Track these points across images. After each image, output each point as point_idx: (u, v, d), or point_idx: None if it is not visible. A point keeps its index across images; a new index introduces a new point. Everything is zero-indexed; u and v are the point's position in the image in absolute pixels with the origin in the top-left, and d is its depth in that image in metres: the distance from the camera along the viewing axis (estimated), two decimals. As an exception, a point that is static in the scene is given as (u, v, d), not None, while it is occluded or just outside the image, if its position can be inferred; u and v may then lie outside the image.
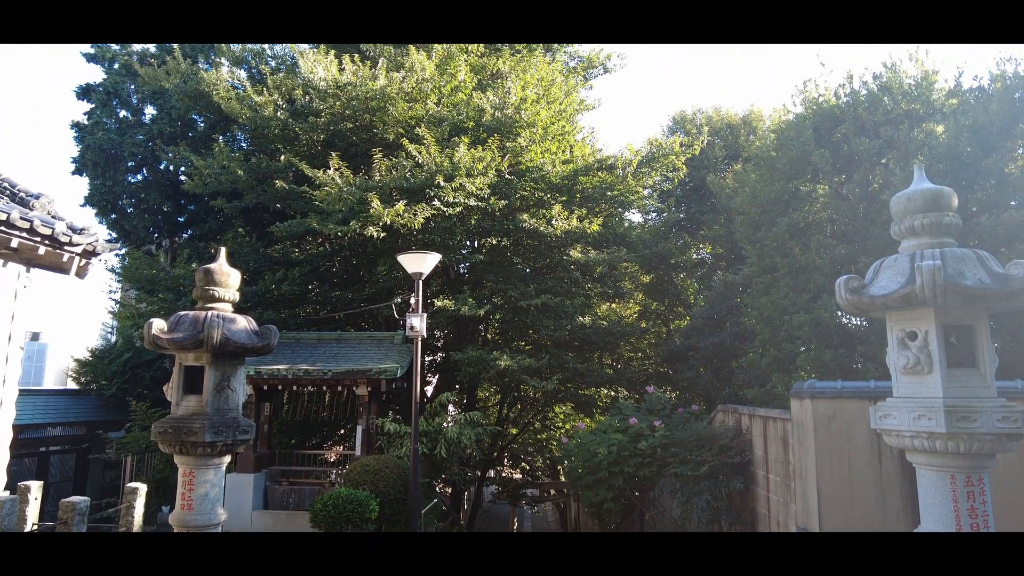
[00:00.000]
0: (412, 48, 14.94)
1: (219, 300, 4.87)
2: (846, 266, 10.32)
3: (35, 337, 34.14)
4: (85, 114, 20.50)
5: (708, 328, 16.31)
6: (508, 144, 14.87)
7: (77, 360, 19.77)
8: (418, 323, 10.23)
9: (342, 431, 18.30)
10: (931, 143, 10.59)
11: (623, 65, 20.19)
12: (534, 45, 18.51)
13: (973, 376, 3.95)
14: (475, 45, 16.28)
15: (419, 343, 10.49)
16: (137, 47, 21.62)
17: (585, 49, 20.19)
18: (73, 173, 20.29)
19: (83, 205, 20.15)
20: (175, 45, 20.93)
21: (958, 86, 12.14)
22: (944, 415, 3.70)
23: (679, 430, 10.01)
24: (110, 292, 21.88)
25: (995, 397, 3.87)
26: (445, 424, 13.05)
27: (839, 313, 10.12)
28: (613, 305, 20.98)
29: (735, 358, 14.17)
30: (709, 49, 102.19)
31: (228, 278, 4.94)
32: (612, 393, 18.32)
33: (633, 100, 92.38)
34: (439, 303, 14.16)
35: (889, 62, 12.91)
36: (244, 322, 4.85)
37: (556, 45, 19.41)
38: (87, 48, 21.07)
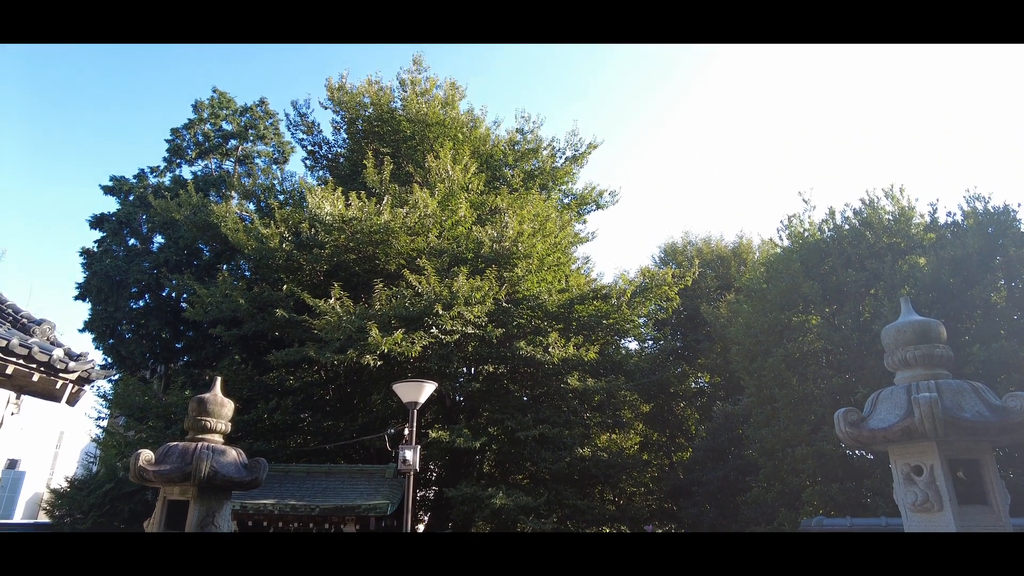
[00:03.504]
0: (416, 186, 15.78)
1: (211, 431, 4.78)
2: (844, 396, 10.26)
3: (12, 465, 32.82)
4: (96, 242, 21.15)
5: (711, 461, 15.85)
6: (505, 274, 15.28)
7: (53, 491, 18.92)
8: (411, 456, 9.94)
9: (327, 572, 17.14)
10: (915, 275, 10.93)
11: (614, 202, 21.18)
12: (530, 184, 19.57)
13: (986, 514, 3.82)
14: (476, 183, 17.20)
15: (412, 477, 10.13)
16: (153, 180, 22.77)
17: (578, 187, 21.32)
18: (76, 299, 20.57)
19: (82, 330, 20.23)
20: (188, 179, 22.09)
21: (934, 221, 12.75)
22: (961, 557, 3.54)
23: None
24: (98, 418, 21.40)
25: (1011, 537, 3.72)
26: (437, 565, 12.26)
27: (842, 445, 9.91)
28: (613, 436, 20.52)
29: (740, 493, 13.65)
30: (698, 179, 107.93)
31: (222, 408, 4.89)
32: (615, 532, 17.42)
33: (626, 227, 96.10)
34: (433, 434, 13.84)
35: (867, 199, 13.64)
36: (234, 454, 4.74)
37: (551, 184, 20.52)
38: (105, 181, 22.19)
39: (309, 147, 21.90)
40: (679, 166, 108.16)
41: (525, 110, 53.04)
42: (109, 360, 19.92)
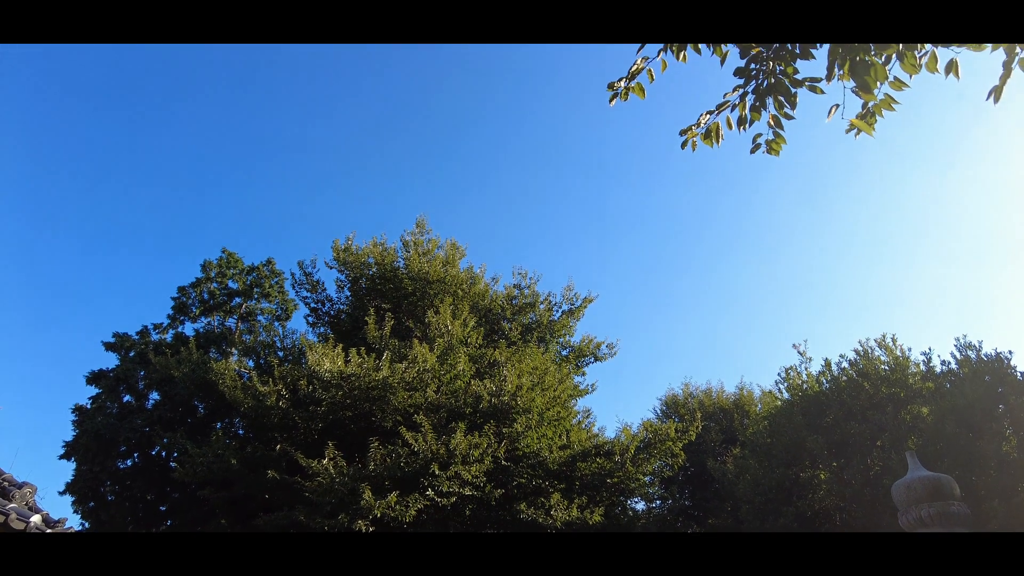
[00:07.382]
0: (415, 341, 15.99)
1: (190, 607, 4.46)
2: (866, 559, 9.67)
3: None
4: (90, 399, 20.88)
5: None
6: (505, 430, 14.99)
7: None
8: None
9: None
10: (919, 426, 10.80)
11: (612, 354, 21.29)
12: (528, 337, 19.83)
13: None
14: (474, 337, 17.42)
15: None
16: (155, 336, 23.00)
17: (576, 340, 21.57)
18: (61, 457, 19.83)
19: (62, 492, 19.32)
20: (191, 335, 22.35)
21: (930, 370, 12.83)
22: None
23: None
24: (64, 595, 19.74)
25: None
26: None
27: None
28: (622, 607, 18.93)
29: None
30: (694, 334, 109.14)
31: (204, 580, 4.60)
32: None
33: (626, 377, 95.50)
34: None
35: (861, 349, 13.81)
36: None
37: (549, 337, 20.78)
38: (107, 338, 22.40)
39: (312, 304, 22.39)
40: (677, 317, 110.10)
41: (522, 267, 55.15)
42: (87, 525, 18.87)
